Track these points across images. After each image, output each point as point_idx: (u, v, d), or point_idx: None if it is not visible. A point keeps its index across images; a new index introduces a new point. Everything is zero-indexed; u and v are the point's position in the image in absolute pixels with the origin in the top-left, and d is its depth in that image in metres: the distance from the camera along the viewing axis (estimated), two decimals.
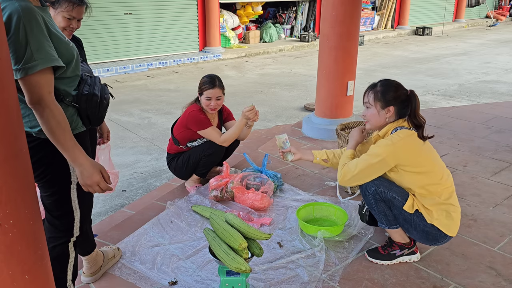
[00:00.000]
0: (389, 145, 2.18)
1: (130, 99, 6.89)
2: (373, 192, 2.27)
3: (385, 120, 2.28)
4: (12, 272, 1.14)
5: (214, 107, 3.16)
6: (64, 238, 1.88)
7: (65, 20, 2.12)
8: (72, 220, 1.87)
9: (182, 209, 2.98)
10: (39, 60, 1.50)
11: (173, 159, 3.31)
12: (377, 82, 2.33)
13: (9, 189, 1.11)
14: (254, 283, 2.23)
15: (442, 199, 2.23)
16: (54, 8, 2.10)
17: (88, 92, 1.77)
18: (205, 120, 3.14)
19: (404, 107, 2.26)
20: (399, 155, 2.18)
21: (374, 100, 2.28)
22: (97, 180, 1.68)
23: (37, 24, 1.51)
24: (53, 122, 1.55)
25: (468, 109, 5.58)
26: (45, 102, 1.53)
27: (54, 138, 1.59)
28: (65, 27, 2.15)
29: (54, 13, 2.11)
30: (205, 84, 3.13)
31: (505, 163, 3.79)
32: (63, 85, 1.69)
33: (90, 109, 1.79)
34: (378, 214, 2.32)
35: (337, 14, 4.12)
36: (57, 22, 2.11)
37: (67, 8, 2.10)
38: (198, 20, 10.40)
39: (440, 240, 2.29)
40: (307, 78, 8.29)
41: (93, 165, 1.67)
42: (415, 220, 2.25)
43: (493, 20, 18.08)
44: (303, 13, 13.12)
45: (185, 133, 3.20)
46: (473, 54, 10.95)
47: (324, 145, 4.23)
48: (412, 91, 2.29)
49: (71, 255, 1.93)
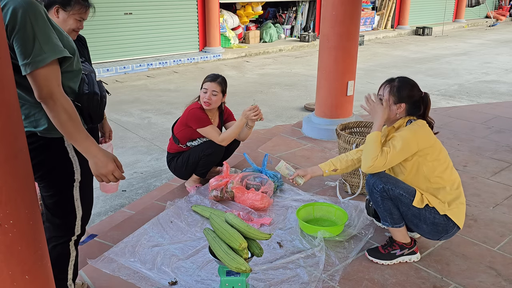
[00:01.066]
0: (411, 131, 2.26)
1: (130, 99, 6.90)
2: (380, 190, 2.28)
3: (395, 115, 2.36)
4: (12, 272, 1.14)
5: (208, 100, 3.16)
6: (65, 237, 1.88)
7: (76, 22, 2.17)
8: (73, 218, 1.87)
9: (182, 209, 2.98)
10: (48, 53, 1.49)
11: (173, 158, 3.31)
12: (395, 77, 2.40)
13: (9, 189, 1.11)
14: (254, 283, 2.23)
15: (454, 188, 2.31)
16: (66, 10, 2.12)
17: (88, 91, 1.77)
18: (205, 118, 3.14)
19: (415, 107, 2.35)
20: (421, 140, 2.26)
21: (389, 93, 2.35)
22: (112, 168, 1.68)
23: (41, 17, 1.51)
24: (65, 115, 1.55)
25: (468, 109, 5.58)
26: (56, 96, 1.53)
27: (67, 130, 1.58)
28: (74, 29, 2.19)
29: (65, 15, 2.14)
30: (207, 78, 3.23)
31: (505, 163, 3.80)
32: (68, 80, 1.69)
33: (92, 108, 1.79)
34: (384, 212, 2.33)
35: (337, 14, 4.12)
36: (68, 24, 2.15)
37: (80, 11, 2.15)
38: (198, 20, 10.40)
39: (450, 231, 2.32)
40: (307, 78, 8.29)
41: (106, 155, 1.67)
42: (424, 214, 2.27)
43: (493, 20, 18.08)
44: (303, 13, 13.12)
45: (185, 131, 3.20)
46: (473, 54, 10.96)
47: (324, 145, 4.23)
48: (426, 93, 2.39)
49: (71, 254, 1.93)
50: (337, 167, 2.65)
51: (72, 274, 1.97)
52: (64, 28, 2.19)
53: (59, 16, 2.15)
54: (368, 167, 2.27)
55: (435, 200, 2.28)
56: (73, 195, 1.83)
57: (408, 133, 2.25)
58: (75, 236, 1.91)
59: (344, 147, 3.12)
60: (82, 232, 1.94)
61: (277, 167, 2.73)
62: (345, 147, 3.10)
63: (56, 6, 2.11)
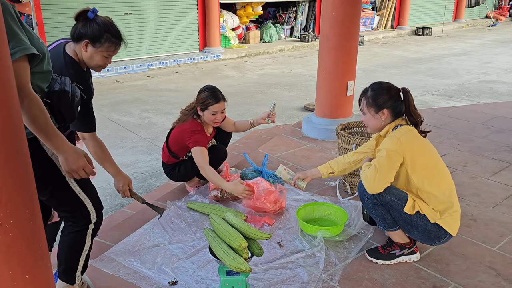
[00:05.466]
0: (393, 140, 2.20)
1: (130, 99, 6.90)
2: (370, 197, 2.28)
3: (382, 123, 2.31)
4: (12, 272, 1.14)
5: (220, 120, 3.10)
6: (82, 226, 1.94)
7: (103, 59, 2.09)
8: (85, 209, 1.91)
9: (182, 209, 2.99)
10: (16, 48, 1.49)
11: (173, 168, 3.26)
12: (368, 87, 2.35)
13: (9, 189, 1.11)
14: (254, 283, 2.23)
15: (446, 197, 2.26)
16: (95, 47, 2.04)
17: (59, 89, 1.75)
18: (203, 141, 3.05)
19: (398, 106, 2.28)
20: (405, 148, 2.19)
21: (367, 106, 2.31)
22: (83, 164, 1.70)
23: (11, 17, 1.50)
24: (35, 111, 1.55)
25: (468, 109, 5.58)
26: (25, 92, 1.52)
27: (37, 127, 1.57)
28: (102, 65, 2.12)
29: (93, 51, 2.05)
30: (209, 99, 3.02)
31: (505, 163, 3.80)
32: (37, 80, 1.68)
33: (63, 106, 1.77)
34: (377, 217, 2.34)
35: (337, 14, 4.13)
36: (94, 60, 2.08)
37: (109, 48, 2.07)
38: (198, 20, 10.40)
39: (442, 238, 2.30)
40: (307, 78, 8.29)
41: (76, 151, 1.69)
42: (415, 220, 2.25)
43: (493, 20, 18.08)
44: (303, 13, 13.12)
45: (184, 147, 3.13)
46: (473, 54, 10.96)
47: (324, 145, 4.23)
48: (404, 88, 2.31)
49: (87, 243, 1.98)
50: (334, 169, 2.68)
51: (82, 266, 2.01)
52: (90, 63, 2.11)
53: (87, 51, 2.06)
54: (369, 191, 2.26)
55: (426, 208, 2.24)
56: (73, 190, 1.85)
57: (388, 145, 2.20)
58: (92, 225, 1.95)
59: (344, 147, 3.12)
60: (98, 220, 1.98)
61: (277, 172, 2.78)
62: (345, 147, 3.10)
63: (85, 40, 2.03)
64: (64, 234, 1.97)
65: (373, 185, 2.22)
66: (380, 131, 2.36)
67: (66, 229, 1.96)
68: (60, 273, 2.00)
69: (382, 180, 2.21)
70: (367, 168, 2.28)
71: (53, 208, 1.90)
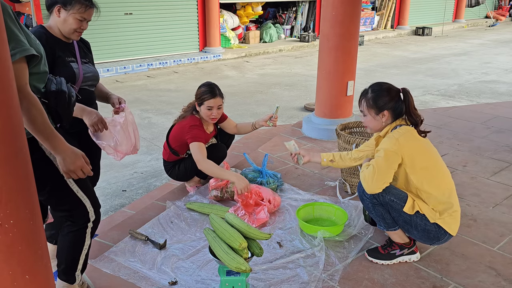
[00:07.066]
0: (392, 140, 2.20)
1: (130, 99, 6.90)
2: (370, 197, 2.28)
3: (382, 124, 2.31)
4: (12, 272, 1.14)
5: (216, 116, 3.11)
6: (82, 225, 1.94)
7: (76, 21, 2.17)
8: (84, 208, 1.91)
9: (182, 209, 2.99)
10: (16, 50, 1.50)
11: (173, 166, 3.26)
12: (368, 88, 2.34)
13: (9, 189, 1.11)
14: (254, 283, 2.23)
15: (445, 197, 2.26)
16: (66, 9, 2.15)
17: (55, 89, 1.76)
18: (202, 137, 3.06)
19: (398, 107, 2.28)
20: (404, 148, 2.19)
21: (368, 108, 2.30)
22: (80, 164, 1.70)
23: (10, 18, 1.51)
24: (34, 111, 1.55)
25: (468, 109, 5.58)
26: (23, 93, 1.53)
27: (35, 127, 1.58)
28: (76, 29, 2.20)
29: (65, 14, 2.16)
30: (205, 94, 3.05)
31: (505, 163, 3.80)
32: (33, 80, 1.69)
33: (60, 105, 1.78)
34: (376, 217, 2.35)
35: (337, 14, 4.13)
36: (68, 24, 2.18)
37: (80, 10, 2.16)
38: (198, 20, 10.40)
39: (441, 238, 2.30)
40: (307, 78, 8.30)
41: (74, 151, 1.70)
42: (415, 220, 2.25)
43: (493, 20, 18.08)
44: (303, 13, 13.12)
45: (184, 144, 3.14)
46: (473, 54, 10.96)
47: (324, 145, 4.24)
48: (404, 89, 2.30)
49: (86, 241, 1.98)
50: (335, 159, 2.68)
51: (82, 265, 2.02)
52: (65, 28, 2.21)
53: (60, 15, 2.17)
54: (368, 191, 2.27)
55: (426, 208, 2.24)
56: (72, 189, 1.85)
57: (387, 145, 2.20)
58: (91, 223, 1.95)
59: (344, 147, 3.12)
60: (97, 218, 1.98)
61: (287, 143, 2.82)
62: (345, 147, 3.10)
63: (58, 5, 2.14)
64: (63, 233, 1.97)
65: (371, 186, 2.22)
66: (381, 131, 2.36)
67: (65, 229, 1.96)
68: (60, 273, 2.00)
69: (380, 180, 2.21)
70: (365, 168, 2.28)
71: (52, 208, 1.90)
